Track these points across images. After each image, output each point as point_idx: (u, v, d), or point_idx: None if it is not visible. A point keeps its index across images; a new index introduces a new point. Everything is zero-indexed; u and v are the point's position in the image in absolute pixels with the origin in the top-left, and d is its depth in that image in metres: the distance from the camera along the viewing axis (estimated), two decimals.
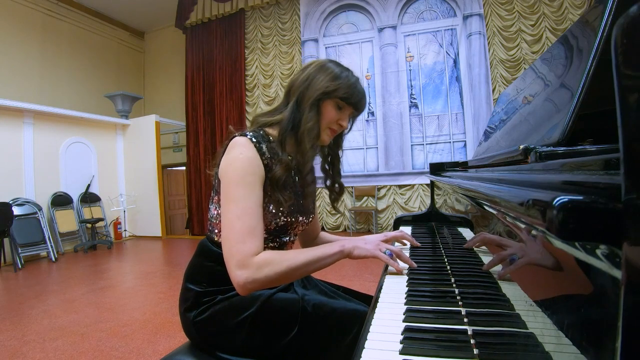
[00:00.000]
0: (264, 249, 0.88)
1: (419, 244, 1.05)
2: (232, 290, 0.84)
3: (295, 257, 0.74)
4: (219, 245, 0.85)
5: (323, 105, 0.86)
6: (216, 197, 0.86)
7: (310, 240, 1.10)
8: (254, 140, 0.80)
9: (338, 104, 0.87)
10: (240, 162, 0.77)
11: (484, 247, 0.75)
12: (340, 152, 0.99)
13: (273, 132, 0.88)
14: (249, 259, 0.71)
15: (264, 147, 0.81)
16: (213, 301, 0.84)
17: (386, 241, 1.03)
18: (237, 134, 0.82)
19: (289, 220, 0.87)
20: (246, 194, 0.75)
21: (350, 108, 0.89)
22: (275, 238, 0.88)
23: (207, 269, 0.86)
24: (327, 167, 0.99)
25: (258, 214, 0.76)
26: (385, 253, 0.82)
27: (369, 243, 0.83)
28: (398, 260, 0.85)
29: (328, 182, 1.00)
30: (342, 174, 1.03)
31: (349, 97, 0.86)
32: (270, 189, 0.81)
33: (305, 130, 0.84)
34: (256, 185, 0.77)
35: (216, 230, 0.87)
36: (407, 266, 0.86)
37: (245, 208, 0.74)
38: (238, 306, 0.82)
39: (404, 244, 1.09)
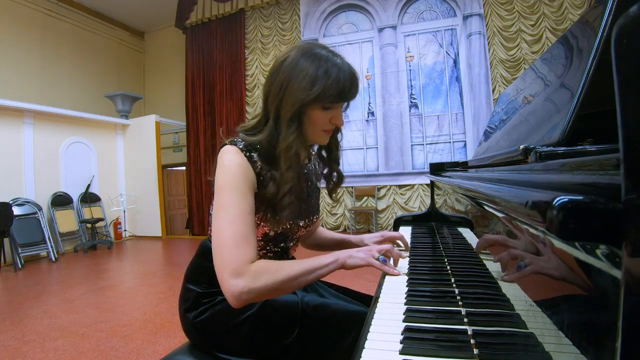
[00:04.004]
0: (266, 254, 0.87)
1: (408, 249, 1.04)
2: None
3: (292, 266, 0.71)
4: None
5: (307, 113, 0.77)
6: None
7: (308, 236, 1.09)
8: (244, 150, 0.77)
9: (324, 106, 0.77)
10: (229, 168, 0.74)
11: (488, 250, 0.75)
12: (339, 136, 0.90)
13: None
14: (244, 266, 0.66)
15: (254, 156, 0.77)
16: (213, 302, 0.83)
17: (383, 241, 1.02)
18: (227, 142, 0.79)
19: (289, 226, 0.85)
20: (237, 199, 0.71)
21: (340, 104, 0.79)
22: (277, 243, 0.87)
23: (207, 269, 0.86)
24: (323, 153, 0.92)
25: (250, 222, 0.72)
26: (378, 259, 0.78)
27: (361, 251, 0.78)
28: (391, 264, 0.83)
29: (325, 170, 0.93)
30: (342, 174, 0.99)
31: (334, 98, 0.76)
32: (265, 204, 0.78)
33: (282, 150, 0.75)
34: (247, 191, 0.74)
35: None
36: (405, 268, 0.86)
37: (236, 214, 0.70)
38: None
39: (399, 245, 1.07)
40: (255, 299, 0.69)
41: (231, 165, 0.74)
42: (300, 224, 0.88)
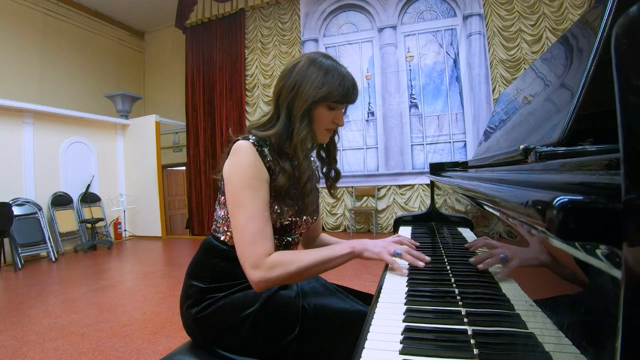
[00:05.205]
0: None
1: (417, 244, 1.04)
2: (235, 286, 0.85)
3: (305, 257, 0.77)
4: (223, 242, 0.88)
5: (315, 111, 0.85)
6: (222, 198, 0.88)
7: (310, 241, 1.10)
8: (256, 144, 0.81)
9: (330, 105, 0.85)
10: (243, 167, 0.79)
11: (484, 247, 0.75)
12: (336, 138, 0.98)
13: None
14: (261, 259, 0.75)
15: (265, 150, 0.82)
16: (216, 297, 0.85)
17: None
18: (239, 138, 0.83)
19: (294, 219, 0.88)
20: (252, 197, 0.78)
21: (343, 105, 0.88)
22: (280, 237, 0.89)
23: (211, 265, 0.88)
24: (322, 154, 0.99)
25: (266, 216, 0.79)
26: (394, 253, 0.83)
27: (377, 246, 0.84)
28: (401, 262, 0.84)
29: (324, 169, 1.00)
30: (342, 174, 1.03)
31: (339, 98, 0.84)
32: (273, 196, 0.83)
33: (298, 143, 0.83)
34: (261, 188, 0.79)
35: (222, 230, 0.88)
36: (405, 267, 0.86)
37: (253, 211, 0.77)
38: (240, 303, 0.83)
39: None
40: (273, 285, 0.79)
41: (245, 164, 0.79)
42: (304, 219, 0.91)
